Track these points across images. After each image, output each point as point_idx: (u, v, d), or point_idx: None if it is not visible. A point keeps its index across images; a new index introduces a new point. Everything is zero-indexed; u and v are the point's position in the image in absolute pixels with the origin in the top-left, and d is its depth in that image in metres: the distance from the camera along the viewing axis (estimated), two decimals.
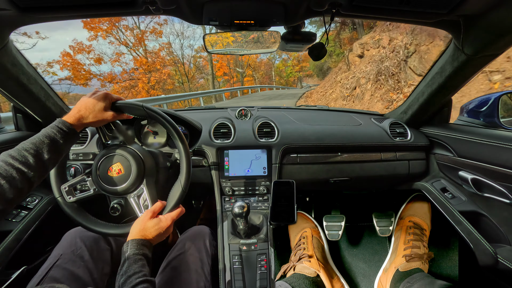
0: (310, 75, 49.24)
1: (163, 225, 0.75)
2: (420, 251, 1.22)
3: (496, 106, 1.05)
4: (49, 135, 0.66)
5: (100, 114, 0.73)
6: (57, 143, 0.66)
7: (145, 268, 0.65)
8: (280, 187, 1.05)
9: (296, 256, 1.24)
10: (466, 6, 0.67)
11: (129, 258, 0.65)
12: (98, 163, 0.81)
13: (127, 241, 0.70)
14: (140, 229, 0.72)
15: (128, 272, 0.62)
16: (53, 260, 0.81)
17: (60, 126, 0.68)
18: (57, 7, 0.69)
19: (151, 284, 0.62)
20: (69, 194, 0.81)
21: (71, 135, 0.69)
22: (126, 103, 0.79)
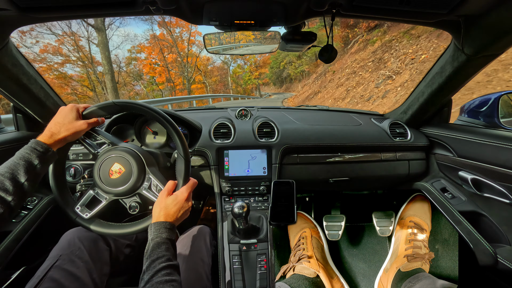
0: (267, 83, 47.20)
1: (180, 198, 0.75)
2: (421, 251, 1.22)
3: (496, 106, 1.05)
4: (23, 156, 0.66)
5: (71, 125, 0.74)
6: (32, 164, 0.66)
7: (169, 251, 0.65)
8: (280, 187, 1.05)
9: (296, 256, 1.24)
10: (466, 6, 0.67)
11: (153, 241, 0.66)
12: (97, 173, 0.81)
13: (150, 224, 0.71)
14: (161, 209, 0.73)
15: (152, 256, 0.63)
16: (52, 261, 0.81)
17: (33, 146, 0.68)
18: (57, 7, 0.69)
19: (174, 268, 0.63)
20: (85, 212, 0.82)
21: (47, 154, 0.69)
22: (93, 107, 0.79)
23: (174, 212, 0.73)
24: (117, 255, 0.97)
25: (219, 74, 36.34)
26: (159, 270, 0.60)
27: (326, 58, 0.86)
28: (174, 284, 0.59)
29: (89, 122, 0.77)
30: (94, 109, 0.79)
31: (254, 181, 1.18)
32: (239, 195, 1.18)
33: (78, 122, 0.75)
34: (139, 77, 23.53)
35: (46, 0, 0.65)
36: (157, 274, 0.60)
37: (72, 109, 0.76)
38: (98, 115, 0.81)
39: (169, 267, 0.61)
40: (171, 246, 0.67)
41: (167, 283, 0.58)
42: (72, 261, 0.83)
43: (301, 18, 0.82)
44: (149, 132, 1.15)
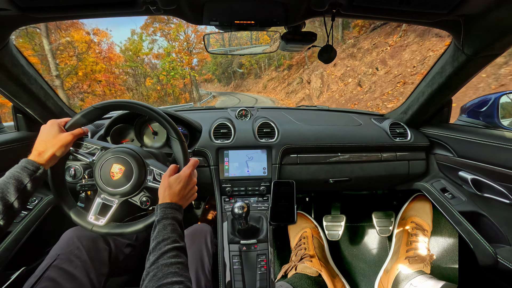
0: (209, 79, 38.02)
1: (183, 175, 0.75)
2: (423, 253, 1.21)
3: (496, 106, 1.05)
4: (14, 175, 0.66)
5: (56, 140, 0.74)
6: (22, 183, 0.66)
7: (175, 232, 0.65)
8: (280, 187, 1.05)
9: (298, 256, 1.24)
10: (466, 6, 0.67)
11: (159, 223, 0.66)
12: (99, 179, 0.80)
13: (156, 206, 0.71)
14: (165, 189, 0.73)
15: (157, 238, 0.63)
16: (50, 260, 0.81)
17: (24, 165, 0.68)
18: (57, 7, 0.69)
19: (180, 250, 0.63)
20: (99, 219, 0.81)
21: (37, 172, 0.69)
22: (74, 118, 0.79)
23: (179, 191, 0.73)
24: (117, 255, 0.97)
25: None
26: (165, 252, 0.60)
27: (325, 59, 0.85)
28: (180, 266, 0.59)
29: (74, 133, 0.77)
30: (75, 119, 0.79)
31: (254, 181, 1.18)
32: (239, 195, 1.18)
33: (62, 135, 0.75)
34: None
35: (46, 0, 0.65)
36: (162, 256, 0.60)
37: (53, 124, 0.76)
38: (81, 124, 0.80)
39: (174, 249, 0.61)
40: (177, 227, 0.67)
41: (173, 265, 0.58)
42: (70, 261, 0.82)
43: (301, 18, 0.82)
44: (149, 132, 1.15)
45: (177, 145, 0.81)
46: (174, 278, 0.55)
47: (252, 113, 1.38)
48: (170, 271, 0.57)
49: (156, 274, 0.56)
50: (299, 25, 0.88)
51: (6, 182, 0.64)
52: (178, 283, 0.55)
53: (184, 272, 0.59)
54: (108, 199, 0.82)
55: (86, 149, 0.83)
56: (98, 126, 1.25)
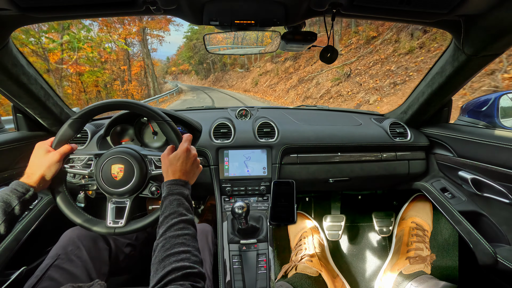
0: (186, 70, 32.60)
1: (180, 151, 0.76)
2: (424, 253, 1.21)
3: (496, 106, 1.05)
4: (2, 197, 0.66)
5: (43, 161, 0.74)
6: (10, 205, 0.65)
7: (181, 206, 0.67)
8: (280, 187, 1.05)
9: (298, 256, 1.24)
10: (466, 6, 0.67)
11: (165, 199, 0.68)
12: (104, 185, 0.80)
13: (162, 184, 0.73)
14: (167, 168, 0.75)
15: (165, 213, 0.66)
16: (51, 260, 0.81)
17: (14, 187, 0.68)
18: (57, 7, 0.69)
19: (186, 222, 0.65)
20: (117, 222, 0.81)
21: (26, 194, 0.69)
22: (57, 135, 0.79)
23: (180, 166, 0.75)
24: (117, 255, 0.97)
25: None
26: (172, 226, 0.63)
27: (327, 59, 0.85)
28: (187, 237, 0.62)
29: (60, 152, 0.77)
30: (59, 137, 0.79)
31: (254, 181, 1.18)
32: (239, 195, 1.18)
33: (48, 155, 0.75)
34: None
35: (46, 0, 0.65)
36: (169, 229, 0.62)
37: (39, 146, 0.76)
38: (68, 138, 0.80)
39: (181, 222, 0.64)
40: (184, 201, 0.69)
41: (179, 237, 0.61)
42: (71, 260, 0.83)
43: (302, 18, 0.82)
44: (149, 132, 1.15)
45: (165, 126, 0.82)
46: (181, 248, 0.58)
47: (252, 113, 1.38)
48: (177, 242, 0.60)
49: (164, 245, 0.59)
50: (299, 25, 0.88)
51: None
52: (185, 252, 0.58)
53: (191, 242, 0.62)
54: (120, 201, 0.82)
55: (80, 162, 0.82)
56: (98, 126, 1.25)
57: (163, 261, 0.56)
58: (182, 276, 0.53)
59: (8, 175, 1.00)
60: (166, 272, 0.53)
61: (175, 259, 0.56)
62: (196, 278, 0.55)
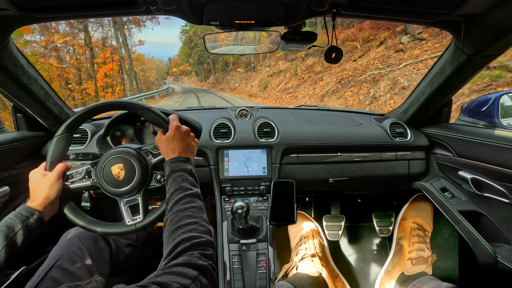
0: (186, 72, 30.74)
1: (172, 130, 0.78)
2: (425, 253, 1.21)
3: (496, 106, 1.05)
4: (7, 222, 0.65)
5: (42, 183, 0.73)
6: (13, 230, 0.64)
7: (185, 182, 0.69)
8: (280, 187, 1.05)
9: (298, 256, 1.24)
10: (467, 6, 0.67)
11: (169, 177, 0.71)
12: (110, 188, 0.80)
13: (165, 162, 0.75)
14: (165, 148, 0.76)
15: (170, 190, 0.68)
16: (53, 261, 0.81)
17: (18, 211, 0.68)
18: (57, 7, 0.69)
19: (192, 196, 0.67)
20: (135, 219, 0.81)
21: (30, 217, 0.68)
22: (48, 157, 0.78)
23: (177, 143, 0.76)
24: (118, 255, 0.97)
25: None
26: (178, 201, 0.65)
27: (332, 59, 0.84)
28: (193, 209, 0.64)
29: (56, 171, 0.76)
30: (50, 158, 0.78)
31: (254, 181, 1.18)
32: (239, 195, 1.18)
33: (45, 177, 0.75)
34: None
35: (46, 0, 0.65)
36: (176, 204, 0.64)
37: (34, 173, 0.76)
38: (59, 157, 0.79)
39: (186, 196, 0.66)
40: (188, 176, 0.71)
41: (186, 210, 0.63)
42: (73, 261, 0.83)
43: (302, 18, 0.82)
44: (149, 132, 1.15)
45: (149, 113, 0.82)
46: (188, 220, 0.61)
47: (252, 113, 1.38)
48: (184, 215, 0.62)
49: (173, 220, 0.61)
50: (299, 25, 0.88)
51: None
52: (192, 223, 0.60)
53: (198, 214, 0.64)
54: (131, 200, 0.82)
55: (80, 175, 0.82)
56: (98, 126, 1.25)
57: (172, 234, 0.58)
58: (191, 246, 0.55)
59: (8, 175, 1.00)
60: (175, 244, 0.55)
61: (182, 231, 0.58)
62: (204, 246, 0.57)
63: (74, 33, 14.88)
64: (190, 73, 31.11)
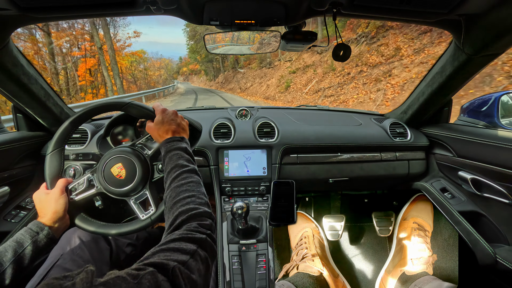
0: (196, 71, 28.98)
1: (158, 114, 0.78)
2: (426, 254, 1.21)
3: (496, 106, 1.05)
4: (17, 237, 0.64)
5: (48, 200, 0.73)
6: (22, 245, 0.63)
7: (181, 159, 0.70)
8: (280, 187, 1.05)
9: (299, 255, 1.24)
10: (467, 5, 0.67)
11: (165, 157, 0.72)
12: (114, 191, 0.80)
13: (160, 144, 0.75)
14: (157, 132, 0.77)
15: (167, 168, 0.69)
16: (54, 260, 0.81)
17: (29, 227, 0.67)
18: (57, 7, 0.69)
19: (188, 172, 0.68)
20: (148, 213, 0.81)
21: (40, 232, 0.68)
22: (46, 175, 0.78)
23: (168, 125, 0.76)
24: (118, 254, 0.97)
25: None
26: (175, 178, 0.66)
27: (341, 57, 0.84)
28: (190, 184, 0.65)
29: (58, 186, 0.76)
30: (49, 176, 0.77)
31: (253, 181, 1.18)
32: (239, 195, 1.18)
33: (49, 194, 0.74)
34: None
35: (46, 0, 0.65)
36: (174, 180, 0.66)
37: (37, 194, 0.76)
38: (57, 173, 0.79)
39: (183, 173, 0.67)
40: (183, 153, 0.72)
41: (183, 185, 0.64)
42: (73, 260, 0.83)
43: (302, 17, 0.82)
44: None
45: (131, 107, 0.81)
46: (186, 194, 0.62)
47: (252, 113, 1.38)
48: (182, 190, 0.63)
49: (171, 195, 0.63)
50: (299, 24, 0.88)
51: (7, 246, 0.62)
52: (190, 197, 0.62)
53: (195, 188, 0.65)
54: (139, 196, 0.82)
55: (83, 186, 0.81)
56: (98, 126, 1.25)
57: (172, 209, 0.60)
58: (189, 218, 0.56)
59: (8, 175, 1.00)
60: (174, 217, 0.57)
61: (180, 204, 0.60)
62: (201, 217, 0.58)
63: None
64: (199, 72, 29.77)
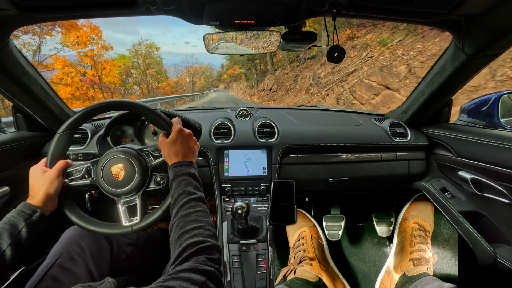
0: (235, 76, 25.83)
1: (174, 133, 0.78)
2: (427, 254, 1.21)
3: (496, 106, 1.05)
4: (10, 220, 0.65)
5: (43, 179, 0.73)
6: (17, 227, 0.64)
7: (189, 186, 0.70)
8: (280, 187, 1.05)
9: (296, 258, 1.22)
10: (466, 5, 0.67)
11: (173, 181, 0.71)
12: (109, 187, 0.80)
13: (168, 167, 0.75)
14: (168, 152, 0.76)
15: (174, 194, 0.69)
16: (53, 259, 0.81)
17: (20, 209, 0.68)
18: (57, 7, 0.69)
19: (196, 200, 0.67)
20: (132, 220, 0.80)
21: (33, 215, 0.68)
22: (49, 154, 0.78)
23: (180, 147, 0.76)
24: (119, 254, 0.97)
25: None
26: (182, 205, 0.65)
27: (335, 59, 0.84)
28: (198, 213, 0.64)
29: (57, 167, 0.76)
30: (51, 154, 0.78)
31: (254, 181, 1.18)
32: (239, 195, 1.18)
33: (46, 173, 0.75)
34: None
35: (46, 0, 0.65)
36: (181, 208, 0.65)
37: (34, 169, 0.76)
38: (60, 154, 0.79)
39: (191, 201, 0.66)
40: (191, 180, 0.71)
41: (191, 214, 0.64)
42: (73, 259, 0.83)
43: (302, 17, 0.82)
44: (150, 132, 1.15)
45: (151, 115, 0.82)
46: (194, 225, 0.61)
47: (252, 113, 1.38)
48: (189, 220, 0.63)
49: (178, 225, 0.62)
50: (299, 24, 0.88)
51: (2, 229, 0.63)
52: (198, 228, 0.61)
53: (203, 218, 0.64)
54: (129, 201, 0.82)
55: (80, 173, 0.82)
56: (98, 126, 1.25)
57: (179, 240, 0.59)
58: (197, 251, 0.56)
59: (8, 175, 1.00)
60: (182, 249, 0.56)
61: (188, 235, 0.59)
62: (210, 250, 0.57)
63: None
64: (239, 77, 24.11)
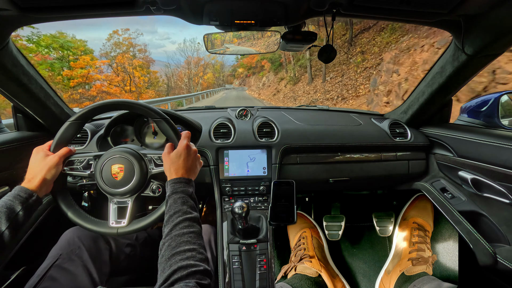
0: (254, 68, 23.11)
1: (181, 148, 0.77)
2: (425, 254, 1.21)
3: (496, 106, 1.05)
4: (6, 203, 0.65)
5: (42, 164, 0.73)
6: (14, 211, 0.65)
7: (185, 204, 0.68)
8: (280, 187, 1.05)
9: (297, 256, 1.24)
10: (466, 6, 0.67)
11: (169, 198, 0.70)
12: (105, 185, 0.80)
13: (166, 183, 0.73)
14: (169, 166, 0.75)
15: (169, 212, 0.66)
16: (52, 260, 0.81)
17: (16, 193, 0.68)
18: (57, 7, 0.69)
19: (191, 220, 0.65)
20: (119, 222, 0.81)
21: (29, 199, 0.69)
22: (55, 139, 0.79)
23: (183, 163, 0.75)
24: (118, 255, 0.97)
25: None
26: (177, 224, 0.63)
27: (325, 58, 0.85)
28: (192, 235, 0.62)
29: (59, 154, 0.76)
30: (57, 140, 0.79)
31: (254, 181, 1.18)
32: (239, 195, 1.18)
33: (48, 158, 0.75)
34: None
35: (46, 0, 0.65)
36: (175, 227, 0.63)
37: (38, 150, 0.76)
38: (66, 141, 0.80)
39: (186, 220, 0.64)
40: (188, 199, 0.70)
41: (185, 235, 0.61)
42: (72, 260, 0.83)
43: (302, 17, 0.82)
44: (150, 132, 1.15)
45: (164, 124, 0.82)
46: (187, 246, 0.59)
47: (252, 113, 1.38)
48: (183, 240, 0.60)
49: (170, 244, 0.60)
50: (299, 24, 0.88)
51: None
52: (191, 250, 0.58)
53: (196, 240, 0.62)
54: (121, 201, 0.82)
55: (80, 164, 0.82)
56: (98, 126, 1.25)
57: (170, 260, 0.56)
58: (188, 275, 0.53)
59: (8, 175, 1.00)
60: (172, 271, 0.54)
61: (180, 257, 0.56)
62: (201, 275, 0.55)
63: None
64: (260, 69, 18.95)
